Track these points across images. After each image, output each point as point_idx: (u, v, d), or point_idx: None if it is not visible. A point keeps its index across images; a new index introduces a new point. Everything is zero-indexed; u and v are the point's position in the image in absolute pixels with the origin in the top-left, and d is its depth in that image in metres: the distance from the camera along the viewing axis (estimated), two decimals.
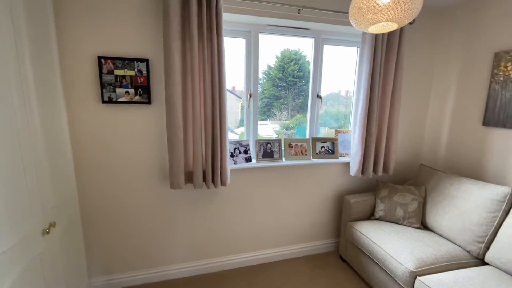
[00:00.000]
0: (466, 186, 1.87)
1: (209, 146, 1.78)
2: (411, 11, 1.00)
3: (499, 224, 1.66)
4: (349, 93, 2.48)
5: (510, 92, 1.87)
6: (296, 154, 2.20)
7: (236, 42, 2.06)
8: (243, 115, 2.24)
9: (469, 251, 1.73)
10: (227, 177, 1.85)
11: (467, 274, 1.50)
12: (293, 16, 1.94)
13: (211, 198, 2.05)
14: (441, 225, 1.91)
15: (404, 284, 1.59)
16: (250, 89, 2.12)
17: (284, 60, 2.26)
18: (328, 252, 2.48)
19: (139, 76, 1.72)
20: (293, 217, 2.32)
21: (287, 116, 2.38)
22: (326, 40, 2.24)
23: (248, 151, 2.09)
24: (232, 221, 2.15)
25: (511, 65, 1.84)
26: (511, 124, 1.87)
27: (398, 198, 2.11)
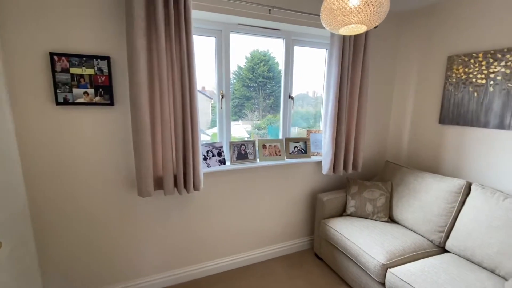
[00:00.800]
0: (427, 180, 2.01)
1: (180, 149, 1.69)
2: (379, 14, 1.03)
3: (456, 213, 1.80)
4: (316, 93, 2.53)
5: (461, 93, 2.04)
6: (270, 155, 2.19)
7: (206, 40, 1.99)
8: (214, 115, 2.18)
9: (432, 241, 1.86)
10: (200, 181, 1.78)
11: (431, 263, 1.61)
12: (264, 16, 1.92)
13: (183, 204, 1.95)
14: (406, 217, 2.03)
15: (377, 277, 1.66)
16: (222, 89, 2.06)
17: (254, 61, 2.25)
18: (303, 250, 2.51)
19: (99, 75, 1.57)
20: (268, 218, 2.30)
21: (259, 116, 2.37)
22: (296, 41, 2.26)
23: (221, 153, 2.03)
24: (207, 227, 2.07)
25: (462, 68, 2.02)
26: (463, 122, 2.05)
27: (367, 194, 2.20)
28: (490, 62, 1.84)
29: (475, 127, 1.98)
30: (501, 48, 1.79)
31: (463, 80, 2.03)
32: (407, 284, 1.47)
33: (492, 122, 1.87)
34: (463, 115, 2.05)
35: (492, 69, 1.84)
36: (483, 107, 1.91)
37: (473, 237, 1.63)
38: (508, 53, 1.74)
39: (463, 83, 2.03)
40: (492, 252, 1.51)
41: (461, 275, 1.48)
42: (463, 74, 2.02)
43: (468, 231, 1.67)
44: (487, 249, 1.54)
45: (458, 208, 1.81)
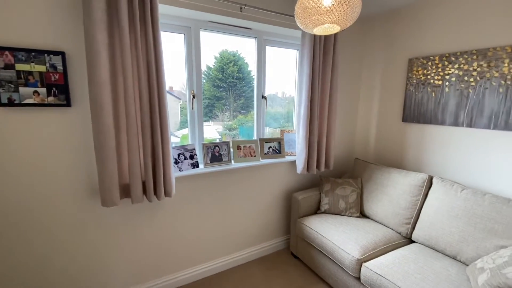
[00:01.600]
0: (394, 176, 2.12)
1: (148, 153, 1.57)
2: (352, 14, 1.04)
3: (420, 206, 1.93)
4: (285, 94, 2.55)
5: (421, 93, 2.20)
6: (245, 156, 2.15)
7: (174, 37, 1.89)
8: (183, 117, 2.08)
9: (400, 233, 1.96)
10: (172, 187, 1.67)
11: (401, 254, 1.70)
12: (235, 14, 1.88)
13: (154, 212, 1.83)
14: (376, 212, 2.12)
15: (352, 272, 1.70)
16: (193, 89, 1.97)
17: (223, 61, 2.20)
18: (280, 250, 2.51)
19: (52, 73, 1.40)
20: (244, 220, 2.26)
21: (230, 117, 2.32)
22: (268, 41, 2.25)
23: (194, 156, 1.94)
24: (180, 234, 1.96)
25: (421, 69, 2.17)
26: (423, 120, 2.20)
27: (340, 191, 2.27)
28: (445, 65, 2.00)
29: (433, 124, 2.14)
30: (455, 52, 1.95)
31: (422, 81, 2.18)
32: (381, 277, 1.52)
33: (448, 120, 2.03)
34: (423, 114, 2.20)
35: (447, 71, 2.00)
36: (440, 106, 2.07)
37: (436, 227, 1.75)
38: (461, 57, 1.91)
39: (422, 84, 2.18)
40: (453, 240, 1.64)
41: (428, 263, 1.57)
42: (422, 75, 2.17)
43: (431, 221, 1.79)
44: (449, 238, 1.66)
45: (422, 200, 1.93)
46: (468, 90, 1.89)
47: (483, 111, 1.82)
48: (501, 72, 1.71)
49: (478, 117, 1.86)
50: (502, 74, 1.71)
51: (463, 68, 1.90)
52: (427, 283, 1.41)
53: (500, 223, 1.49)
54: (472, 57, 1.85)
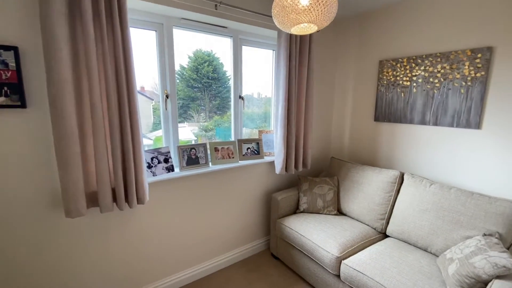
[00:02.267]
0: (368, 173, 2.20)
1: (118, 158, 1.46)
2: (329, 14, 1.04)
3: (393, 201, 2.01)
4: (261, 94, 2.54)
5: (391, 93, 2.30)
6: (223, 158, 2.09)
7: (145, 34, 1.79)
8: (156, 118, 1.98)
9: (375, 228, 2.03)
10: (145, 193, 1.57)
11: (377, 249, 1.75)
12: (210, 12, 1.82)
13: (126, 221, 1.70)
14: (353, 209, 2.18)
15: (332, 269, 1.72)
16: (166, 89, 1.87)
17: (197, 61, 2.13)
18: (260, 252, 2.48)
19: (3, 70, 1.24)
20: (224, 224, 2.20)
21: (205, 117, 2.26)
22: (244, 41, 2.22)
23: (169, 160, 1.84)
24: (155, 243, 1.85)
25: (391, 71, 2.27)
26: (393, 119, 2.30)
27: (317, 189, 2.30)
28: (413, 67, 2.11)
29: (403, 123, 2.24)
30: (421, 54, 2.06)
31: (392, 82, 2.28)
32: (360, 273, 1.56)
33: (416, 118, 2.14)
34: (393, 113, 2.30)
35: (414, 73, 2.11)
36: (409, 106, 2.18)
37: (408, 221, 1.83)
38: (426, 59, 2.02)
39: (392, 84, 2.28)
40: (424, 233, 1.72)
41: (402, 257, 1.64)
42: (392, 76, 2.27)
43: (403, 216, 1.87)
44: (420, 231, 1.75)
45: (395, 196, 2.02)
46: (434, 90, 2.01)
47: (447, 110, 1.95)
48: (462, 74, 1.84)
49: (443, 116, 1.98)
50: (463, 75, 1.84)
51: (429, 70, 2.02)
52: (403, 276, 1.46)
53: (465, 215, 1.59)
54: (436, 60, 1.97)
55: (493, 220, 1.49)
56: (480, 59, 1.75)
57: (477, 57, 1.76)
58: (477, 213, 1.55)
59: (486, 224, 1.50)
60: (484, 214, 1.52)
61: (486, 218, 1.51)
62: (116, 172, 1.46)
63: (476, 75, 1.78)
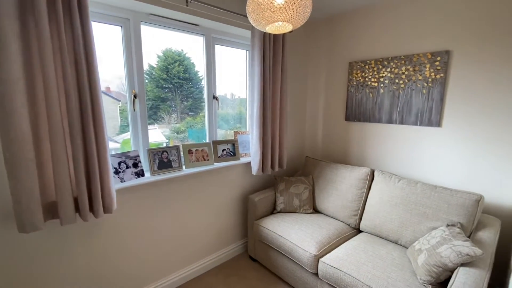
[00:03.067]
0: (341, 171, 2.26)
1: (80, 163, 1.33)
2: (304, 13, 1.04)
3: (365, 197, 2.09)
4: (234, 95, 2.51)
5: (360, 94, 2.39)
6: (198, 160, 2.02)
7: (110, 30, 1.66)
8: (123, 120, 1.85)
9: (349, 224, 2.10)
10: (112, 201, 1.45)
11: (352, 245, 1.80)
12: (180, 8, 1.74)
13: (91, 233, 1.56)
14: (327, 206, 2.22)
15: (310, 268, 1.74)
16: (134, 88, 1.76)
17: (167, 61, 2.03)
18: (238, 255, 2.44)
19: None
20: (200, 228, 2.12)
21: (177, 119, 2.17)
22: (217, 40, 2.17)
23: (138, 164, 1.73)
24: (125, 254, 1.72)
25: (360, 72, 2.36)
26: (363, 118, 2.40)
27: (293, 189, 2.32)
28: (380, 68, 2.22)
29: (372, 122, 2.35)
30: (387, 56, 2.17)
31: (361, 83, 2.37)
32: (337, 269, 1.59)
33: (384, 118, 2.25)
34: (363, 113, 2.40)
35: (381, 74, 2.22)
36: (377, 106, 2.29)
37: (379, 216, 1.91)
38: (392, 61, 2.13)
39: (361, 85, 2.38)
40: (394, 226, 1.81)
41: (375, 251, 1.70)
42: (361, 78, 2.37)
43: (375, 211, 1.95)
44: (391, 224, 1.83)
45: (366, 192, 2.10)
46: (399, 91, 2.13)
47: (411, 109, 2.07)
48: (424, 76, 1.97)
49: (408, 115, 2.10)
50: (424, 77, 1.97)
51: (394, 72, 2.13)
52: (377, 269, 1.51)
53: (430, 207, 1.70)
54: (401, 62, 2.09)
55: (455, 211, 1.60)
56: (439, 61, 1.88)
57: (436, 59, 1.89)
58: (441, 205, 1.66)
59: (449, 215, 1.62)
60: (447, 206, 1.64)
61: (449, 209, 1.63)
62: (79, 179, 1.33)
63: (436, 76, 1.91)
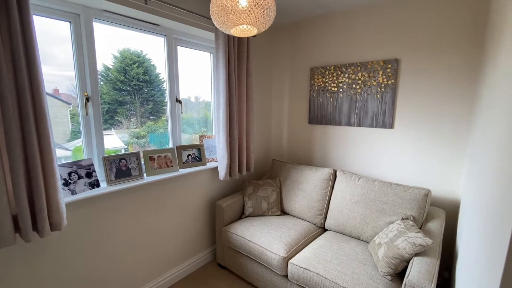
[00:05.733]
0: (306, 172, 2.33)
1: (20, 176, 1.16)
2: (268, 17, 1.05)
3: (329, 197, 2.18)
4: (199, 98, 2.45)
5: (322, 98, 2.50)
6: (161, 167, 1.91)
7: (58, 25, 1.49)
8: (75, 125, 1.68)
9: (315, 224, 2.16)
10: (61, 216, 1.29)
11: (318, 244, 1.86)
12: (139, 6, 1.64)
13: (36, 254, 1.36)
14: (294, 207, 2.27)
15: (280, 271, 1.75)
16: (86, 90, 1.60)
17: (125, 61, 1.90)
18: (206, 264, 2.35)
19: None
20: (165, 239, 2.00)
21: (136, 123, 2.03)
22: (179, 41, 2.09)
23: (92, 173, 1.57)
24: (81, 275, 1.54)
25: (321, 77, 2.47)
26: (325, 121, 2.51)
27: (261, 192, 2.32)
28: (339, 74, 2.35)
29: (333, 125, 2.47)
30: (345, 63, 2.31)
31: (322, 88, 2.49)
32: (305, 269, 1.62)
33: (343, 120, 2.38)
34: (324, 116, 2.51)
35: (340, 79, 2.35)
36: (337, 109, 2.41)
37: (342, 214, 2.01)
38: (349, 67, 2.27)
39: (322, 90, 2.49)
40: (356, 223, 1.91)
41: (340, 248, 1.78)
42: (321, 82, 2.48)
43: (338, 209, 2.04)
44: (353, 221, 1.93)
45: (330, 192, 2.19)
46: (356, 95, 2.27)
47: (368, 112, 2.23)
48: (378, 81, 2.13)
49: (364, 117, 2.25)
50: (378, 82, 2.13)
51: (352, 77, 2.27)
52: (343, 266, 1.58)
53: (387, 203, 1.83)
54: (357, 68, 2.23)
55: (408, 205, 1.75)
56: (390, 69, 2.06)
57: (388, 67, 2.07)
58: (396, 200, 1.81)
59: (403, 210, 1.76)
60: (401, 201, 1.78)
61: (403, 204, 1.77)
62: (18, 195, 1.15)
63: (388, 82, 2.08)
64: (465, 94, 1.79)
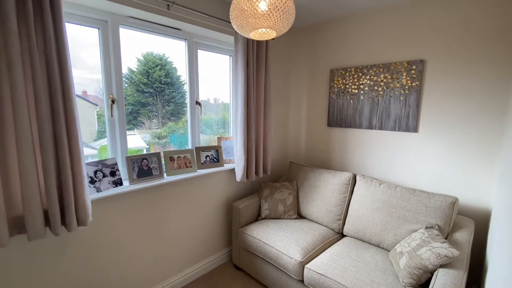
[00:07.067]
0: (324, 176, 2.28)
1: (51, 172, 1.23)
2: (288, 20, 1.05)
3: (348, 202, 2.12)
4: (217, 100, 2.49)
5: (342, 100, 2.45)
6: (180, 167, 1.96)
7: (87, 32, 1.58)
8: (101, 125, 1.77)
9: (333, 229, 2.11)
10: (87, 212, 1.36)
11: (336, 250, 1.81)
12: (162, 12, 1.70)
13: (63, 248, 1.45)
14: (312, 211, 2.23)
15: (296, 275, 1.72)
16: (112, 93, 1.68)
17: (148, 64, 1.97)
18: (222, 264, 2.37)
19: None
20: (182, 238, 2.05)
21: (158, 124, 2.10)
22: (199, 45, 2.14)
23: (116, 172, 1.64)
24: (103, 269, 1.61)
25: (341, 79, 2.42)
26: (344, 124, 2.46)
27: (278, 195, 2.31)
28: (360, 76, 2.29)
29: (353, 128, 2.41)
30: (367, 64, 2.25)
31: (342, 90, 2.43)
32: (322, 276, 1.58)
33: (364, 123, 2.32)
34: (344, 119, 2.46)
35: (361, 81, 2.29)
36: (357, 112, 2.35)
37: (362, 220, 1.94)
38: (371, 69, 2.21)
39: (342, 92, 2.44)
40: (376, 230, 1.85)
41: (359, 255, 1.72)
42: (342, 84, 2.43)
43: (358, 215, 1.98)
44: (373, 228, 1.87)
45: (349, 197, 2.13)
46: (378, 98, 2.20)
47: (390, 115, 2.15)
48: (401, 83, 2.05)
49: (386, 121, 2.17)
50: (401, 84, 2.05)
51: (373, 79, 2.21)
52: (361, 274, 1.53)
53: (410, 210, 1.75)
54: (379, 70, 2.16)
55: (433, 213, 1.66)
56: (414, 70, 1.97)
57: (412, 68, 1.98)
58: (419, 208, 1.72)
59: (427, 218, 1.67)
60: (425, 209, 1.70)
61: (427, 212, 1.68)
62: (49, 191, 1.23)
63: (412, 84, 2.00)
64: (498, 100, 1.67)
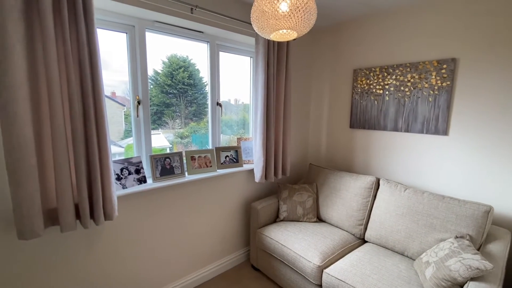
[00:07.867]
0: (346, 179, 2.22)
1: (82, 169, 1.32)
2: (309, 21, 1.03)
3: (371, 207, 2.04)
4: (238, 101, 2.51)
5: (365, 101, 2.37)
6: (200, 167, 2.00)
7: (116, 37, 1.67)
8: (128, 125, 1.85)
9: (354, 234, 2.05)
10: (113, 208, 1.43)
11: (357, 256, 1.75)
12: (185, 16, 1.75)
13: (92, 240, 1.54)
14: (332, 215, 2.18)
15: (314, 279, 1.69)
16: (138, 94, 1.76)
17: (172, 66, 2.04)
18: (240, 264, 2.39)
19: None
20: (201, 236, 2.09)
21: (181, 124, 2.16)
22: (221, 47, 2.17)
23: (141, 170, 1.72)
24: (125, 262, 1.70)
25: (365, 79, 2.34)
26: (368, 126, 2.37)
27: (297, 197, 2.28)
28: (385, 76, 2.20)
29: (377, 130, 2.32)
30: (392, 64, 2.15)
31: (366, 90, 2.35)
32: (342, 282, 1.54)
33: (389, 125, 2.22)
34: (367, 120, 2.37)
35: (386, 81, 2.20)
36: (382, 113, 2.26)
37: (385, 226, 1.86)
38: (397, 69, 2.11)
39: (366, 92, 2.36)
40: (401, 237, 1.76)
41: (381, 262, 1.65)
42: (365, 85, 2.35)
43: (381, 221, 1.90)
44: (397, 235, 1.78)
45: (372, 201, 2.06)
46: (404, 98, 2.10)
47: (417, 117, 2.04)
48: (430, 83, 1.95)
49: (413, 123, 2.07)
50: (430, 85, 1.94)
51: (400, 79, 2.11)
52: (383, 282, 1.46)
53: (438, 218, 1.65)
54: (406, 69, 2.07)
55: (464, 222, 1.56)
56: (445, 69, 1.86)
57: (442, 67, 1.87)
58: (449, 216, 1.62)
59: (458, 227, 1.57)
60: (455, 217, 1.59)
61: (457, 220, 1.58)
62: (80, 186, 1.32)
63: (442, 84, 1.89)
64: None
